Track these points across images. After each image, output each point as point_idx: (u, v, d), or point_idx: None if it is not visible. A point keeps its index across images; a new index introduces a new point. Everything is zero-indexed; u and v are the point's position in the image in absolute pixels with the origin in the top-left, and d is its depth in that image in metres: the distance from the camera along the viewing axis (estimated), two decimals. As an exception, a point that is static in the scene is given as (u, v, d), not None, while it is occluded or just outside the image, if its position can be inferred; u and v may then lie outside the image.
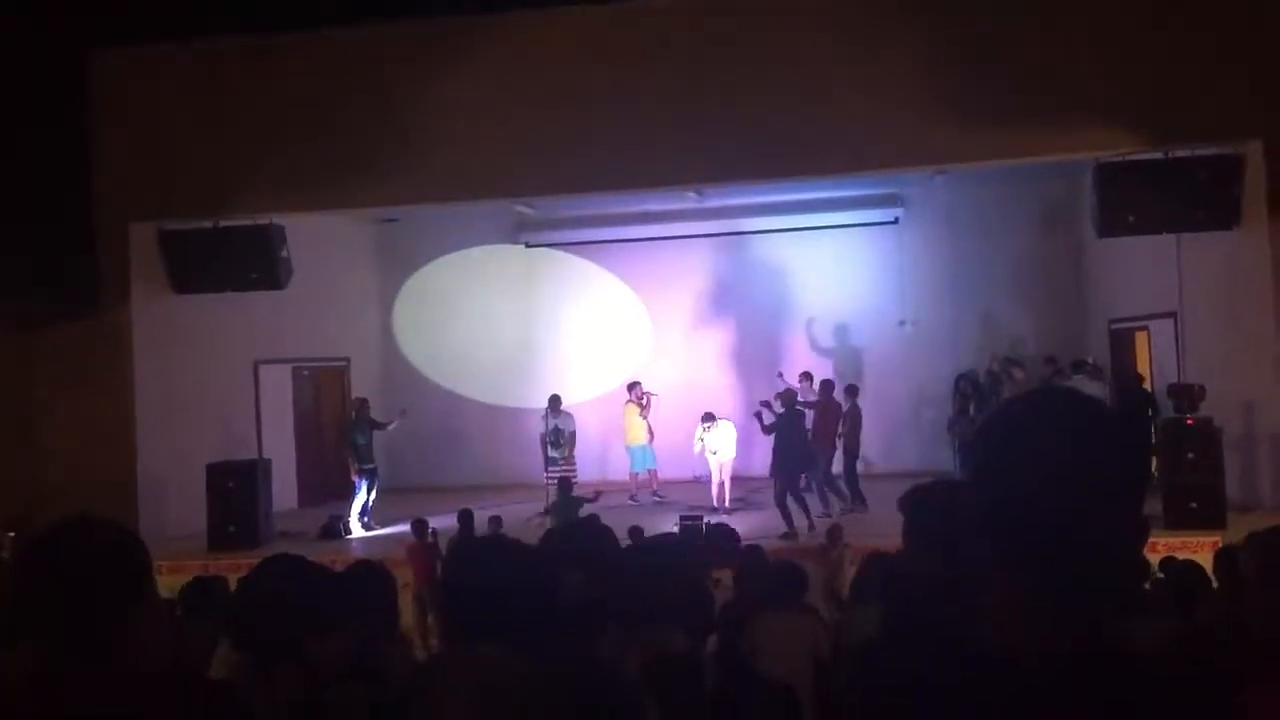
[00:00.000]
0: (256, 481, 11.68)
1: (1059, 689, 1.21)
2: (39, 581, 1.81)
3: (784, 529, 11.04)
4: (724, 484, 12.70)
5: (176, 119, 11.91)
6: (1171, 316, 12.23)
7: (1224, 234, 10.44)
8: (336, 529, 12.10)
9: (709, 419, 12.95)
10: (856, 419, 12.67)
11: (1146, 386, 12.74)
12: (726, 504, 12.64)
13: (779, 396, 12.19)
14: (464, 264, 16.47)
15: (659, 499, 13.58)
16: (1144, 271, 12.68)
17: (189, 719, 1.82)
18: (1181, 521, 9.71)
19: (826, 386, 12.72)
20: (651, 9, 11.40)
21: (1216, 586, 5.41)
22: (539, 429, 13.45)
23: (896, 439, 14.01)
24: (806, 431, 12.00)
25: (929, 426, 14.68)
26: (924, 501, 2.24)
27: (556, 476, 12.68)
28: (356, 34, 11.83)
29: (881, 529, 9.89)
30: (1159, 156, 10.34)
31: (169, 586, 6.88)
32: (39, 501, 10.99)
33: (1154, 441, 10.73)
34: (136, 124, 12.03)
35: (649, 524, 10.42)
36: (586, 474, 13.91)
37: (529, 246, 16.31)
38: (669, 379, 14.94)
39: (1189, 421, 10.20)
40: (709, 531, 10.52)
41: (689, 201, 14.66)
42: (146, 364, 12.16)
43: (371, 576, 4.00)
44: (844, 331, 15.51)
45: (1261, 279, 10.32)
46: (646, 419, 14.00)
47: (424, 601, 8.91)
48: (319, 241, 14.06)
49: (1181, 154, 10.31)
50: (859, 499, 12.23)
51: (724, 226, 15.89)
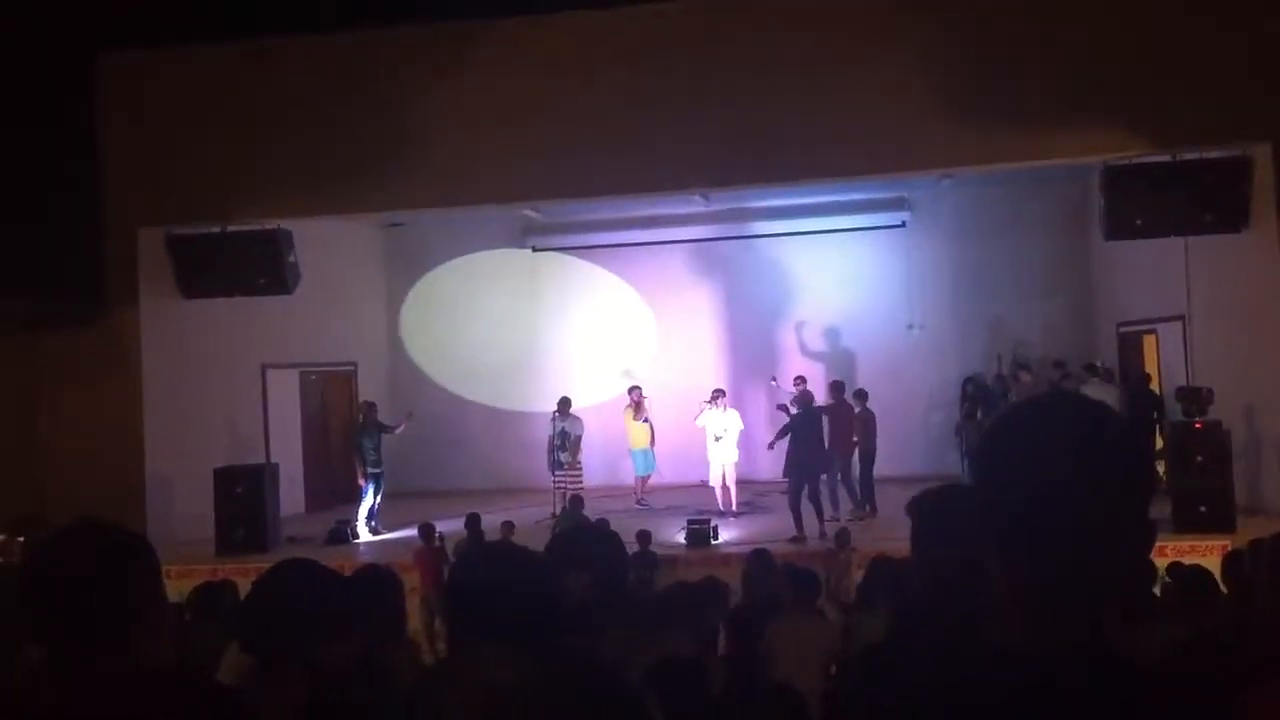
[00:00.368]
0: (264, 486, 11.68)
1: (1065, 693, 1.20)
2: (48, 585, 1.81)
3: (793, 532, 11.03)
4: (729, 488, 12.66)
5: (185, 123, 11.94)
6: (1180, 320, 12.20)
7: (1232, 237, 10.41)
8: (344, 533, 12.10)
9: (719, 395, 12.90)
10: (869, 422, 12.64)
11: (1154, 387, 12.71)
12: (733, 507, 12.61)
13: (795, 399, 12.18)
14: (470, 268, 16.49)
15: (643, 505, 13.48)
16: (1152, 275, 12.66)
17: (196, 721, 1.83)
18: (1190, 525, 9.69)
19: (837, 388, 12.65)
20: (657, 12, 11.40)
21: (1225, 591, 5.39)
22: (547, 431, 13.42)
23: (904, 443, 13.97)
24: (823, 434, 11.96)
25: (936, 430, 14.66)
26: (932, 507, 2.24)
27: (564, 483, 12.67)
28: (364, 38, 11.87)
29: (888, 532, 9.91)
30: (1167, 159, 10.32)
31: (177, 591, 6.91)
32: (47, 505, 11.03)
33: (1160, 444, 10.72)
34: (144, 128, 12.06)
35: (656, 528, 10.44)
36: (594, 478, 13.89)
37: (535, 250, 16.33)
38: (674, 383, 14.91)
39: (1197, 425, 10.18)
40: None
41: (695, 205, 14.67)
42: (154, 368, 12.19)
43: (379, 580, 4.00)
44: (851, 335, 15.48)
45: (1270, 282, 10.30)
46: (642, 421, 13.92)
47: (431, 605, 8.91)
48: (326, 246, 14.09)
49: (1190, 157, 10.29)
50: (870, 504, 12.19)
51: (730, 230, 15.90)
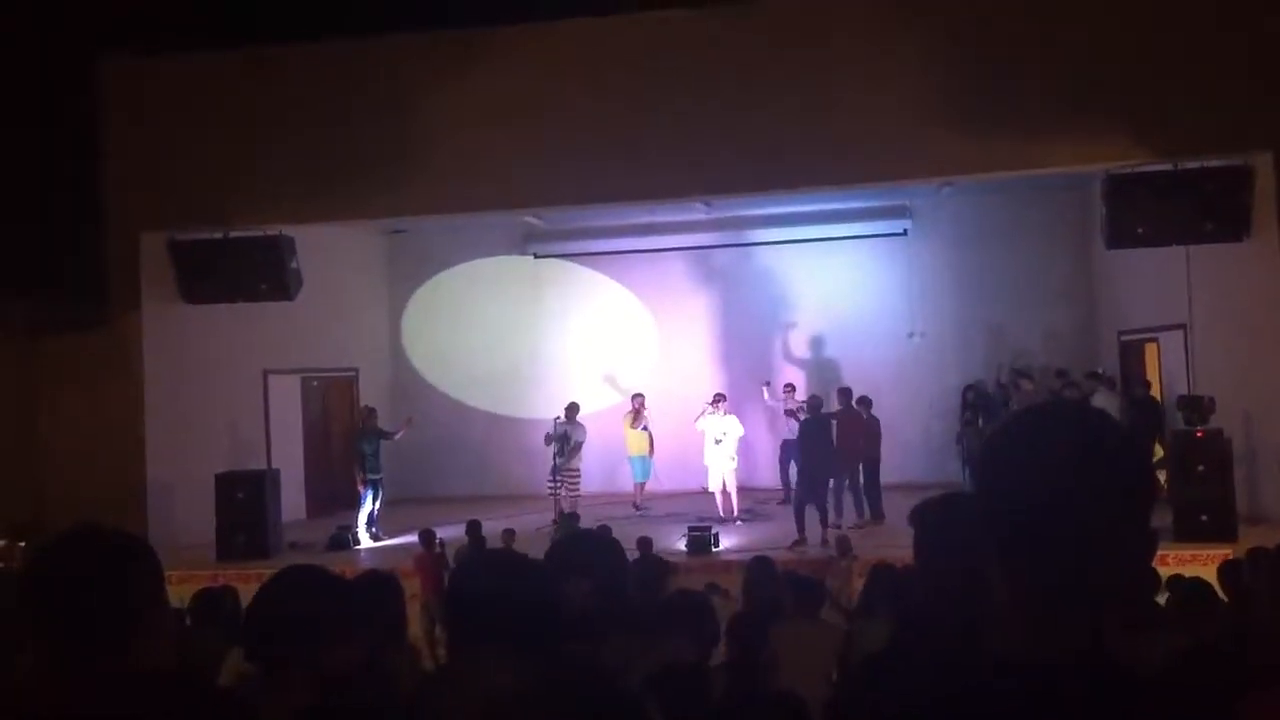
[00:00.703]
0: (265, 491, 11.67)
1: (1066, 701, 1.20)
2: (48, 586, 1.82)
3: (795, 537, 11.03)
4: (729, 494, 12.66)
5: (188, 129, 11.95)
6: (1181, 328, 12.20)
7: (1234, 246, 10.41)
8: (345, 539, 12.11)
9: (720, 399, 12.91)
10: (874, 430, 12.64)
11: (1154, 394, 12.69)
12: (735, 514, 12.60)
13: (805, 404, 12.19)
14: (472, 275, 16.50)
15: (642, 512, 13.48)
16: (1153, 283, 12.66)
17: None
18: (1192, 534, 9.66)
19: (845, 395, 12.63)
20: (659, 20, 11.43)
21: (1225, 601, 5.38)
22: (547, 429, 13.31)
23: (905, 451, 13.95)
24: (832, 439, 11.97)
25: (937, 438, 14.64)
26: (934, 515, 2.24)
27: (560, 488, 12.68)
28: (366, 45, 11.90)
29: (890, 540, 9.91)
30: (1168, 168, 10.32)
31: (177, 596, 6.87)
32: (48, 510, 11.03)
33: (1161, 453, 10.70)
34: (147, 132, 12.07)
35: (657, 536, 10.42)
36: (593, 485, 13.89)
37: (537, 257, 16.34)
38: (676, 390, 14.90)
39: (1199, 434, 10.16)
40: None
41: (697, 213, 14.68)
42: (156, 373, 12.19)
43: (380, 586, 4.00)
44: (852, 343, 15.46)
45: (1271, 291, 10.30)
46: (641, 429, 13.90)
47: (432, 612, 8.90)
48: (328, 252, 14.11)
49: (1191, 166, 10.30)
50: (876, 513, 12.17)
51: (732, 238, 15.92)
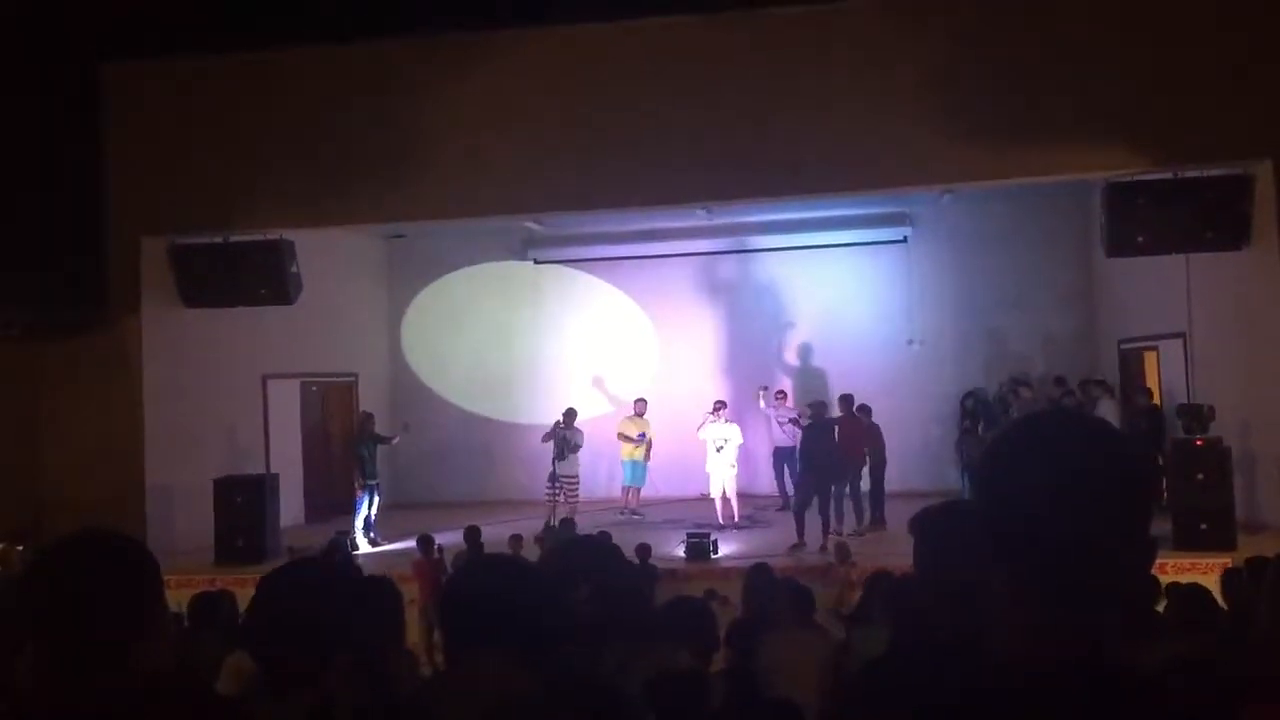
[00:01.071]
0: (264, 496, 11.68)
1: (1066, 708, 1.20)
2: (48, 593, 1.81)
3: (794, 540, 11.04)
4: (729, 500, 12.66)
5: (188, 134, 11.96)
6: (1181, 337, 12.21)
7: (1233, 254, 10.41)
8: (343, 544, 12.08)
9: (720, 407, 12.92)
10: (877, 436, 12.64)
11: (1154, 401, 12.70)
12: (735, 520, 12.60)
13: (808, 408, 12.20)
14: (472, 280, 16.51)
15: (637, 517, 13.48)
16: (1153, 292, 12.66)
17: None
18: (1192, 543, 9.66)
19: (847, 402, 12.64)
20: (658, 26, 11.44)
21: (1225, 609, 5.37)
22: (546, 429, 13.32)
23: (904, 458, 13.93)
24: (835, 445, 11.96)
25: (937, 446, 14.64)
26: (934, 524, 2.24)
27: (558, 493, 12.68)
28: (367, 50, 11.90)
29: (890, 547, 9.91)
30: (1168, 176, 10.33)
31: (175, 600, 6.88)
32: (47, 514, 11.01)
33: (1161, 461, 10.70)
34: (149, 138, 12.08)
35: (656, 542, 10.42)
36: (592, 491, 13.89)
37: (537, 263, 16.35)
38: (675, 396, 14.91)
39: (1198, 442, 10.16)
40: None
41: (697, 219, 14.69)
42: (155, 377, 12.18)
43: (378, 591, 3.99)
44: (852, 350, 15.45)
45: (1271, 299, 10.30)
46: (637, 434, 13.90)
47: (430, 617, 8.89)
48: (328, 257, 14.11)
49: (1191, 174, 10.30)
50: (878, 520, 12.16)
51: (732, 244, 15.93)
